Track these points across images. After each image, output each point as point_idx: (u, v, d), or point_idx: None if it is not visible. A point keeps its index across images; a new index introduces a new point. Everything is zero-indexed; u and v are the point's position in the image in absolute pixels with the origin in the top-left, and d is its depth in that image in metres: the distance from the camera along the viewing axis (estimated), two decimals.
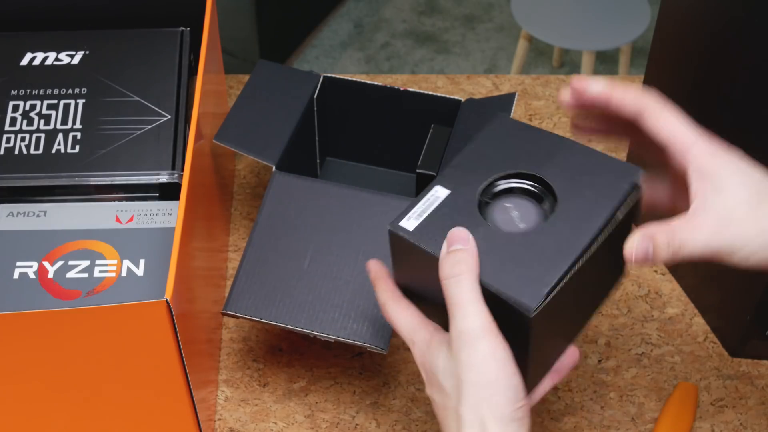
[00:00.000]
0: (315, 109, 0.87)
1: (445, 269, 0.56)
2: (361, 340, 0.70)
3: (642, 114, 0.59)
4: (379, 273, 0.63)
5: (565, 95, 0.62)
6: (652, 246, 0.57)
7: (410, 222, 0.59)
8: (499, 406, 0.54)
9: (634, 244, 0.57)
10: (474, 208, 0.59)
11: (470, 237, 0.57)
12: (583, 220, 0.57)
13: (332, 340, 0.71)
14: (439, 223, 0.58)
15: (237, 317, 0.73)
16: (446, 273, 0.56)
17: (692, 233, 0.57)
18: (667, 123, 0.59)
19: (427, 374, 0.58)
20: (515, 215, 0.59)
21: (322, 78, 0.87)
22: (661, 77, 0.86)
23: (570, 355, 0.63)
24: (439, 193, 0.60)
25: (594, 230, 0.57)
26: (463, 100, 0.86)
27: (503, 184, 0.61)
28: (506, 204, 0.60)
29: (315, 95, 0.86)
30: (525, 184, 0.60)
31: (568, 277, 0.56)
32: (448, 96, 0.86)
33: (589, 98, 0.61)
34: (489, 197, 0.60)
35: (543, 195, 0.60)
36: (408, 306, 0.61)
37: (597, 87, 0.61)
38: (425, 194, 0.60)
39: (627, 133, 0.64)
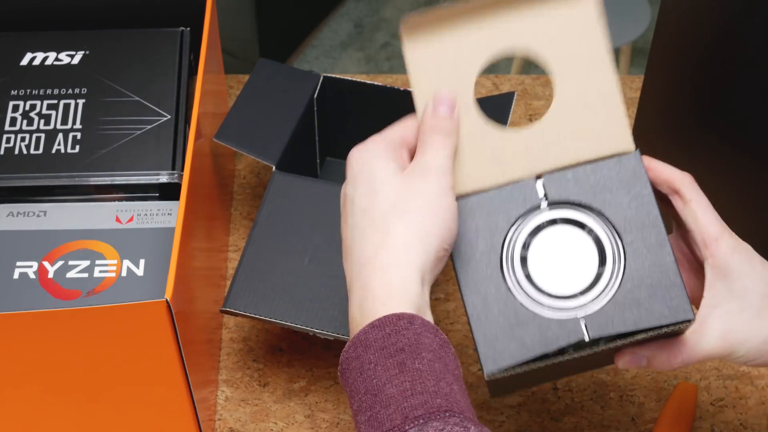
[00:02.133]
0: (315, 109, 0.87)
1: (423, 127, 0.56)
2: None
3: (676, 193, 0.60)
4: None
5: None
6: (646, 360, 0.58)
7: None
8: (429, 236, 0.53)
9: (623, 362, 0.58)
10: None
11: (455, 105, 0.57)
12: (598, 327, 0.55)
13: (332, 338, 0.71)
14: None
15: (236, 315, 0.73)
16: (425, 130, 0.56)
17: (698, 345, 0.58)
18: (698, 210, 0.59)
19: (361, 174, 0.56)
20: (560, 264, 0.57)
21: (322, 78, 0.87)
22: (661, 77, 0.86)
23: None
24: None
25: (594, 344, 0.56)
26: None
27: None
28: (565, 247, 0.57)
29: (315, 95, 0.87)
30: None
31: (537, 364, 0.55)
32: None
33: None
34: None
35: (605, 259, 0.57)
36: (406, 125, 0.58)
37: None
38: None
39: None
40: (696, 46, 0.78)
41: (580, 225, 0.57)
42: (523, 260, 0.57)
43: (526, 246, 0.57)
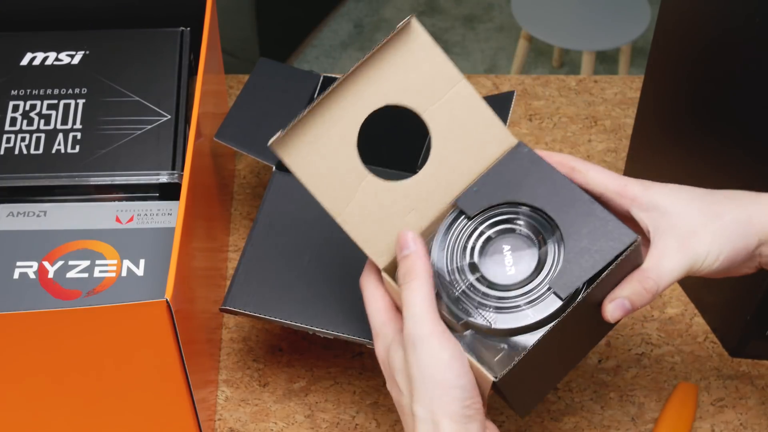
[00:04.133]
0: None
1: (399, 275, 0.59)
2: (361, 337, 0.70)
3: (573, 170, 0.63)
4: (371, 263, 0.63)
5: None
6: (628, 301, 0.59)
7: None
8: (448, 404, 0.56)
9: (609, 311, 0.59)
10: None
11: (417, 239, 0.59)
12: (564, 286, 0.58)
13: (332, 337, 0.71)
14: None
15: (236, 313, 0.73)
16: (400, 279, 0.59)
17: (660, 264, 0.60)
18: (596, 175, 0.62)
19: (387, 371, 0.60)
20: (508, 261, 0.60)
21: (322, 78, 0.87)
22: (661, 77, 0.86)
23: None
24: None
25: (571, 295, 0.59)
26: None
27: (505, 216, 0.62)
28: (504, 246, 0.61)
29: (315, 95, 0.86)
30: (528, 221, 0.61)
31: (537, 344, 0.57)
32: None
33: None
34: (490, 229, 0.61)
35: (543, 236, 0.60)
36: (384, 296, 0.62)
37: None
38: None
39: None
40: (696, 46, 0.78)
41: (510, 223, 0.61)
42: (478, 281, 0.60)
43: (474, 268, 0.60)
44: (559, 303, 0.58)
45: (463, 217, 0.61)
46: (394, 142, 0.93)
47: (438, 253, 0.61)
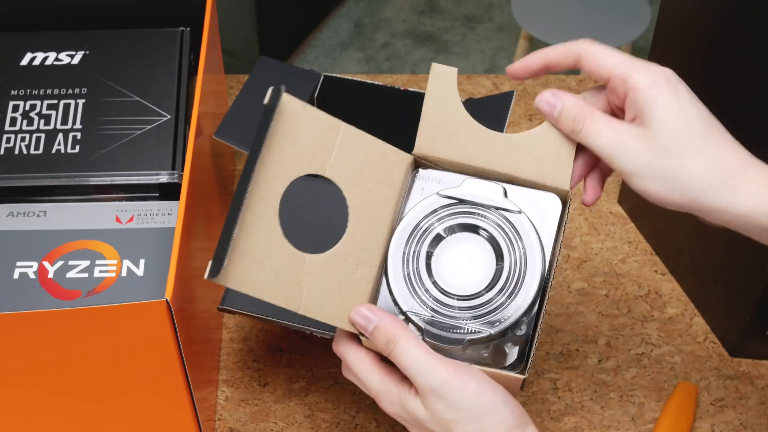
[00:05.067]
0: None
1: (380, 347, 0.58)
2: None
3: (580, 59, 0.60)
4: (340, 331, 0.62)
5: (514, 74, 0.63)
6: (560, 108, 0.59)
7: None
8: (502, 423, 0.56)
9: (544, 96, 0.60)
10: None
11: (372, 308, 0.59)
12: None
13: (329, 338, 0.71)
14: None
15: (233, 313, 0.73)
16: (384, 351, 0.58)
17: (599, 130, 0.58)
18: (604, 56, 0.59)
19: (411, 423, 0.59)
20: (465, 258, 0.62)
21: (322, 77, 0.87)
22: None
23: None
24: None
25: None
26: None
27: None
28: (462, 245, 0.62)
29: (315, 94, 0.86)
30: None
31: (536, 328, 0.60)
32: None
33: (533, 74, 0.63)
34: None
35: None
36: (367, 354, 0.60)
37: (535, 64, 0.62)
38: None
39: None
40: (696, 46, 0.78)
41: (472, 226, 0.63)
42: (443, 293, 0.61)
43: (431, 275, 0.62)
44: (535, 287, 0.60)
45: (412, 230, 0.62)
46: (394, 142, 0.93)
47: (399, 285, 0.61)
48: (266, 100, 0.57)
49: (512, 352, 0.60)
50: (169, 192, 0.75)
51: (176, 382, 0.65)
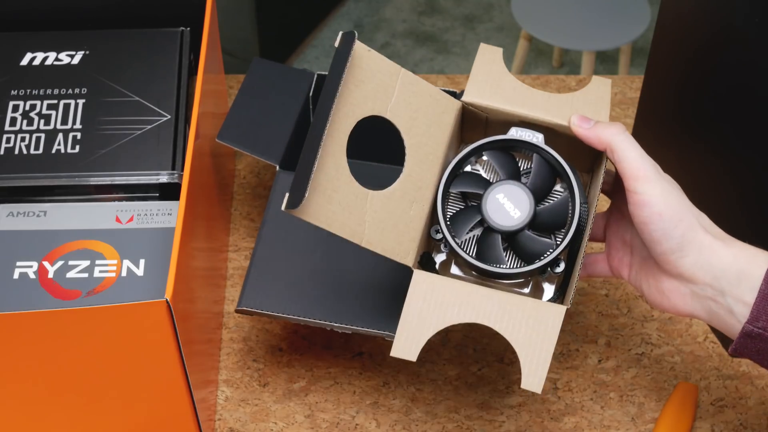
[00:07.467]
0: (311, 107, 0.88)
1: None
2: (379, 330, 0.71)
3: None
4: None
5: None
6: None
7: None
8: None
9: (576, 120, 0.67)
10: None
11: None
12: None
13: (350, 332, 0.72)
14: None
15: (252, 314, 0.73)
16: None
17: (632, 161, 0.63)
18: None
19: None
20: (509, 206, 0.66)
21: (316, 76, 0.87)
22: (661, 77, 0.86)
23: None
24: None
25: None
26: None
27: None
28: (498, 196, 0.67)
29: (310, 93, 0.87)
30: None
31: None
32: None
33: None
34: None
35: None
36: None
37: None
38: None
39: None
40: (696, 46, 0.78)
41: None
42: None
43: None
44: (573, 226, 0.65)
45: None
46: (394, 141, 0.93)
47: (446, 223, 0.67)
48: (337, 44, 0.62)
49: (549, 289, 0.67)
50: (169, 192, 0.75)
51: (176, 382, 0.65)
